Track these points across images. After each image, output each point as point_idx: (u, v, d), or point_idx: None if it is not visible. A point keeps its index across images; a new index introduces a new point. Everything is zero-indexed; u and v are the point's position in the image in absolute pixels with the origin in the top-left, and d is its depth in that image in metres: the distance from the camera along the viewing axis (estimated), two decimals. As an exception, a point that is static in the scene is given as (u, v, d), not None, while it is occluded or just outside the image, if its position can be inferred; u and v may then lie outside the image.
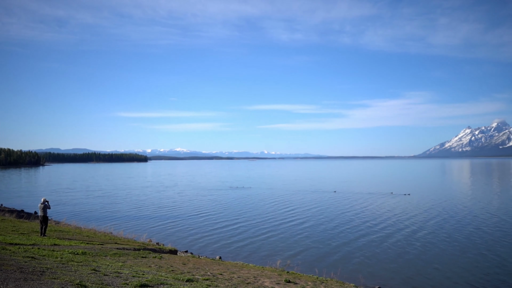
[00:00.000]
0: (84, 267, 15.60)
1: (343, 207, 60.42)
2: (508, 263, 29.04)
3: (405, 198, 71.61)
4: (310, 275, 24.34)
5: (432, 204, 61.60)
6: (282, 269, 25.30)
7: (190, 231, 42.31)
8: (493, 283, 24.68)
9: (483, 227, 42.79)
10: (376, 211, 55.83)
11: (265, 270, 24.14)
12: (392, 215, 51.93)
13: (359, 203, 64.32)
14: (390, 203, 63.75)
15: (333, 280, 23.29)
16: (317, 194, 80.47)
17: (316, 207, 60.36)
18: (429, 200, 66.94)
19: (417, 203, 63.87)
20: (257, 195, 79.95)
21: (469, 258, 30.53)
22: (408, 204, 62.13)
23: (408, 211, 54.89)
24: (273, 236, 39.42)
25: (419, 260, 30.12)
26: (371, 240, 37.31)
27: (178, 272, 19.01)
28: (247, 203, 66.44)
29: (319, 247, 34.78)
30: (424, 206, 59.60)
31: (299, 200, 70.66)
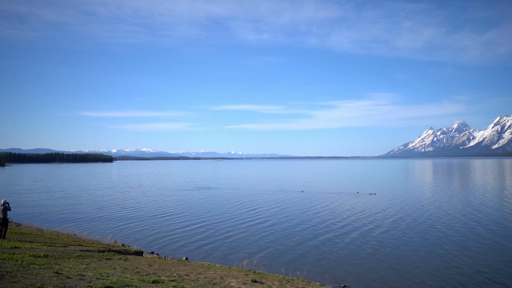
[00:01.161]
0: (46, 270, 15.23)
1: (310, 207, 60.97)
2: (458, 259, 29.99)
3: (371, 197, 72.87)
4: (276, 275, 24.48)
5: (397, 203, 62.92)
6: (248, 269, 25.36)
7: (156, 232, 41.85)
8: (443, 279, 25.41)
9: (438, 225, 43.98)
10: (342, 210, 56.58)
11: (232, 270, 24.13)
12: (358, 214, 52.75)
13: (326, 203, 65.03)
14: (357, 203, 64.73)
15: (299, 279, 23.49)
16: (285, 194, 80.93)
17: (283, 207, 60.70)
18: (394, 200, 68.34)
19: (383, 202, 65.11)
20: (224, 195, 79.79)
21: (435, 255, 31.36)
22: (374, 203, 63.25)
23: (374, 210, 55.87)
24: (240, 237, 39.42)
25: (381, 258, 30.68)
26: (336, 239, 37.78)
27: (144, 273, 18.80)
28: (213, 204, 66.21)
29: (286, 246, 34.99)
30: (389, 205, 60.80)
31: (266, 200, 70.91)
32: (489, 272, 26.81)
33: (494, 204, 60.61)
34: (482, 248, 33.58)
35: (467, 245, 34.52)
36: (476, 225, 43.66)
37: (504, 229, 41.42)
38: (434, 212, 53.74)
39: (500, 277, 25.72)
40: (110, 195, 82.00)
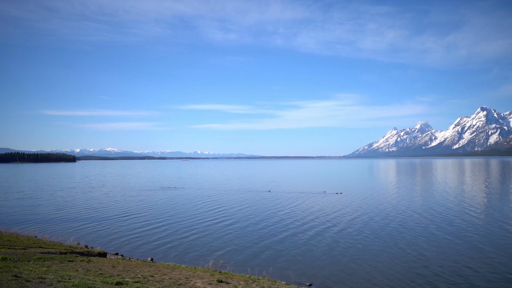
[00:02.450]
0: (4, 273, 14.75)
1: (277, 206, 61.26)
2: (424, 256, 30.81)
3: (337, 196, 73.80)
4: (242, 274, 24.48)
5: (362, 202, 63.95)
6: (214, 269, 25.28)
7: (121, 233, 41.19)
8: (409, 276, 26.04)
9: (404, 223, 45.01)
10: (309, 209, 57.07)
11: (198, 271, 24.00)
12: (324, 213, 53.32)
13: (293, 202, 65.47)
14: (323, 202, 65.42)
15: (265, 278, 23.57)
16: (252, 194, 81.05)
17: (250, 207, 60.77)
18: (359, 199, 69.43)
19: (348, 201, 66.03)
20: (189, 195, 79.26)
21: (388, 253, 32.04)
22: (340, 203, 64.06)
23: (340, 209, 56.58)
24: (206, 237, 39.24)
25: (346, 256, 31.14)
26: (301, 238, 38.09)
27: (107, 275, 18.47)
28: (178, 204, 65.67)
29: (251, 246, 35.05)
30: (354, 204, 61.71)
31: (232, 200, 70.84)
32: (436, 268, 27.72)
33: (449, 203, 62.38)
34: (432, 245, 34.60)
35: (419, 243, 35.51)
36: (429, 223, 44.89)
37: (455, 226, 42.71)
38: (394, 211, 54.86)
39: (446, 272, 26.66)
40: (72, 196, 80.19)
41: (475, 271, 26.88)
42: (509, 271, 26.72)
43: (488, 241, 35.53)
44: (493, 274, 26.12)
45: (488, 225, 43.24)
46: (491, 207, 57.08)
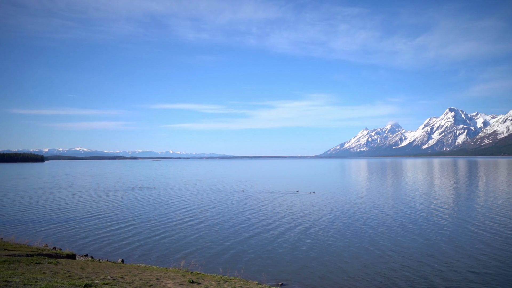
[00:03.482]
0: (-32, 276, 14.31)
1: (249, 206, 61.28)
2: (386, 255, 31.36)
3: (310, 196, 74.32)
4: (214, 275, 24.39)
5: (334, 202, 64.56)
6: (186, 270, 25.11)
7: (90, 234, 40.48)
8: (371, 275, 26.45)
9: (370, 222, 45.68)
10: (281, 209, 57.28)
11: (169, 272, 23.80)
12: (297, 213, 53.61)
13: (266, 202, 65.62)
14: (296, 201, 65.76)
15: (236, 278, 23.54)
16: (225, 194, 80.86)
17: (221, 207, 60.61)
18: (332, 198, 70.07)
19: (321, 200, 66.56)
20: (160, 195, 78.54)
21: (353, 252, 32.51)
22: (313, 202, 64.51)
23: (312, 209, 56.99)
24: (177, 237, 38.94)
25: (317, 255, 31.42)
26: (274, 238, 38.21)
27: (76, 277, 18.12)
28: (149, 204, 65.00)
29: (223, 246, 34.96)
30: (327, 204, 62.25)
31: (205, 200, 70.52)
32: (413, 265, 28.27)
33: (414, 202, 63.63)
34: (409, 243, 35.24)
35: (396, 241, 36.12)
36: (405, 221, 45.76)
37: (418, 225, 43.59)
38: (368, 209, 55.66)
39: (407, 271, 27.19)
40: (39, 196, 78.42)
41: (435, 269, 27.49)
42: (468, 269, 27.39)
43: (450, 240, 36.30)
44: (453, 272, 26.73)
45: (451, 224, 44.20)
46: (455, 207, 58.44)
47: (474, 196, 71.91)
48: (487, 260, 29.20)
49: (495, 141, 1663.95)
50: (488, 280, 24.91)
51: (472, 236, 37.72)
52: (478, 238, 36.60)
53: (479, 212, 52.11)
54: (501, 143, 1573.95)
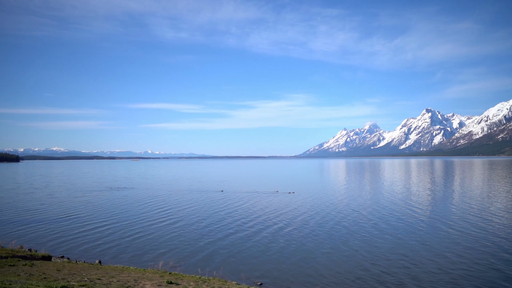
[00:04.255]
0: None
1: (229, 206, 61.20)
2: (359, 254, 31.76)
3: (290, 196, 74.59)
4: (192, 275, 24.30)
5: (313, 201, 64.95)
6: (164, 271, 24.95)
7: (67, 235, 39.88)
8: (343, 274, 26.75)
9: (344, 222, 46.08)
10: (261, 209, 57.36)
11: (147, 273, 23.62)
12: (277, 212, 53.75)
13: (245, 202, 65.62)
14: (275, 201, 65.92)
15: (215, 278, 23.50)
16: (204, 194, 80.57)
17: (200, 207, 60.39)
18: (311, 198, 70.49)
19: (301, 200, 66.88)
20: (138, 196, 77.83)
21: (329, 251, 32.78)
22: (292, 202, 64.75)
23: (292, 209, 57.20)
24: (155, 238, 38.66)
25: (294, 256, 31.56)
26: (253, 238, 38.24)
27: (51, 279, 17.86)
28: (128, 204, 64.38)
29: (202, 246, 34.84)
30: (306, 203, 62.57)
31: (184, 200, 70.17)
32: (385, 264, 28.70)
33: (398, 201, 64.62)
34: (382, 242, 35.72)
35: (368, 240, 36.57)
36: (378, 221, 46.33)
37: (403, 224, 44.30)
38: (343, 209, 56.17)
39: (393, 269, 27.62)
40: (14, 197, 76.93)
41: (406, 268, 27.91)
42: (437, 267, 27.85)
43: (422, 239, 36.84)
44: (423, 271, 27.14)
45: (424, 223, 44.86)
46: (428, 206, 59.41)
47: (448, 196, 73.19)
48: (457, 259, 29.72)
49: (471, 142, 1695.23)
50: (457, 279, 25.34)
51: (444, 235, 38.37)
52: (449, 237, 37.23)
53: (451, 211, 53.01)
54: (476, 143, 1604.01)
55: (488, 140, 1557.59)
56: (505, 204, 58.46)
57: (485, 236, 37.07)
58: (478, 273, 26.41)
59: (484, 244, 33.93)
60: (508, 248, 32.66)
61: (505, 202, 61.25)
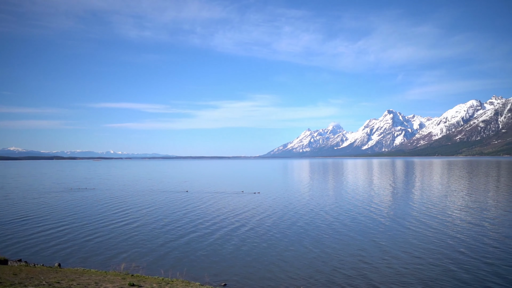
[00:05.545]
0: None
1: (194, 206, 60.75)
2: (325, 253, 32.18)
3: (255, 196, 74.68)
4: (155, 277, 23.99)
5: (278, 202, 65.26)
6: (126, 273, 24.52)
7: (24, 238, 38.64)
8: (309, 273, 27.04)
9: (310, 222, 46.53)
10: (226, 209, 57.18)
11: (108, 275, 23.17)
12: (242, 213, 53.71)
13: (210, 202, 65.27)
14: (241, 202, 65.83)
15: (178, 280, 23.28)
16: (168, 194, 79.68)
17: (165, 208, 59.72)
18: (276, 198, 70.83)
19: (266, 200, 67.08)
20: (100, 197, 76.22)
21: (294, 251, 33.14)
22: (257, 202, 64.85)
23: (256, 209, 57.29)
24: (117, 239, 37.97)
25: (259, 255, 31.67)
26: (216, 238, 38.11)
27: (7, 284, 17.27)
28: (88, 205, 62.96)
29: (165, 247, 34.46)
30: (271, 204, 62.79)
31: (148, 201, 69.21)
32: (351, 262, 29.22)
33: (356, 201, 65.77)
34: (336, 242, 36.24)
35: (334, 239, 37.09)
36: (334, 221, 46.98)
37: (359, 224, 45.10)
38: (308, 209, 56.72)
39: (359, 267, 28.18)
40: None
41: (372, 265, 28.52)
42: (401, 264, 28.57)
43: (386, 237, 37.73)
44: (387, 268, 27.84)
45: (388, 221, 45.88)
46: (391, 205, 60.81)
47: (405, 196, 75.03)
48: (408, 258, 30.49)
49: (430, 142, 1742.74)
50: (419, 275, 26.06)
51: (397, 234, 39.21)
52: (402, 237, 38.06)
53: (407, 211, 54.23)
54: (435, 144, 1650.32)
55: (446, 141, 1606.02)
56: (460, 204, 60.35)
57: (437, 236, 38.09)
58: (427, 271, 27.19)
59: (435, 243, 34.90)
60: (458, 246, 33.70)
61: (460, 202, 63.23)
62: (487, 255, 30.51)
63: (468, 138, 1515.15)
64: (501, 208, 54.72)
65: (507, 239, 35.85)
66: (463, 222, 44.12)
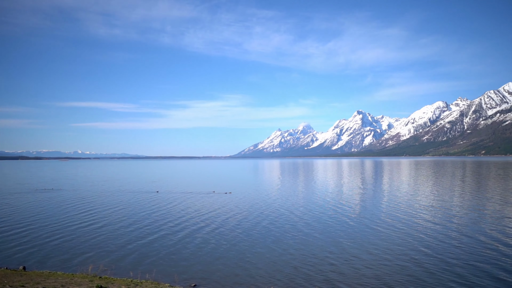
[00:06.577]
0: None
1: (164, 207, 60.12)
2: (288, 253, 32.26)
3: (227, 196, 74.38)
4: (124, 279, 23.64)
5: (249, 202, 65.13)
6: (94, 275, 24.08)
7: (-13, 240, 37.48)
8: (272, 273, 27.11)
9: (276, 221, 46.50)
10: (196, 210, 56.79)
11: (75, 277, 22.69)
12: (212, 213, 53.40)
13: (182, 203, 64.70)
14: (212, 202, 65.46)
15: (148, 281, 23.01)
16: (139, 195, 78.61)
17: (134, 208, 58.92)
18: (248, 198, 70.65)
19: (237, 201, 66.79)
20: (66, 197, 74.53)
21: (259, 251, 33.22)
22: (229, 202, 64.60)
23: (228, 209, 57.05)
24: (85, 241, 37.21)
25: (228, 256, 31.59)
26: (186, 239, 37.82)
27: (-31, 288, 16.69)
28: (54, 206, 61.47)
29: (134, 248, 33.99)
30: (242, 204, 62.59)
31: (117, 201, 68.10)
32: (313, 262, 29.39)
33: (329, 200, 66.41)
34: (311, 241, 36.50)
35: (299, 239, 37.25)
36: (309, 220, 47.31)
37: (332, 222, 45.57)
38: (276, 208, 56.78)
39: (321, 266, 28.37)
40: None
41: (333, 265, 28.69)
42: (363, 264, 28.88)
43: (350, 237, 37.93)
44: (349, 268, 28.03)
45: (353, 221, 46.21)
46: (358, 204, 61.59)
47: (376, 194, 76.17)
48: (381, 255, 31.00)
49: (398, 143, 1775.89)
50: (380, 275, 26.39)
51: (370, 232, 39.82)
52: (376, 234, 38.65)
53: (379, 209, 55.14)
54: (403, 144, 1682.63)
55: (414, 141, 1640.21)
56: (425, 204, 61.58)
57: (401, 236, 38.56)
58: (398, 267, 27.74)
59: (399, 243, 35.38)
60: (421, 246, 34.33)
61: (425, 202, 64.55)
62: (449, 254, 31.22)
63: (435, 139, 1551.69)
64: (464, 207, 56.11)
65: (468, 238, 36.74)
66: (427, 222, 44.98)
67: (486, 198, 65.49)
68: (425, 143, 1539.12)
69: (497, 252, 31.19)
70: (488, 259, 29.38)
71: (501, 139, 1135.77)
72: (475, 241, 35.24)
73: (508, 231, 39.07)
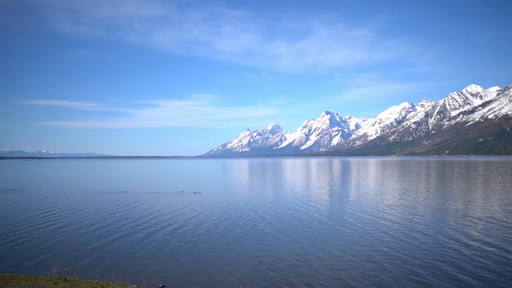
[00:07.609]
0: None
1: (131, 207, 59.23)
2: (249, 253, 32.24)
3: (196, 196, 73.83)
4: (90, 280, 23.17)
5: (218, 202, 64.81)
6: (58, 277, 23.49)
7: None
8: (232, 273, 27.06)
9: (239, 221, 46.33)
10: (164, 210, 56.18)
11: (39, 280, 22.09)
12: (180, 213, 52.91)
13: (150, 203, 63.87)
14: (180, 202, 64.85)
15: (114, 283, 22.62)
16: (105, 195, 77.14)
17: (99, 208, 57.82)
18: (216, 198, 70.32)
19: (206, 200, 66.39)
20: (29, 198, 72.46)
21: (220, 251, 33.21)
22: (198, 202, 64.14)
23: (197, 209, 56.60)
24: (48, 242, 36.27)
25: (196, 257, 31.42)
26: (154, 239, 37.37)
27: None
28: (16, 207, 59.68)
29: (100, 250, 33.34)
30: (211, 204, 62.23)
31: (81, 202, 66.68)
32: (273, 262, 29.39)
33: (294, 200, 66.77)
34: (273, 240, 36.52)
35: (260, 239, 37.27)
36: (272, 220, 47.33)
37: (296, 222, 45.66)
38: (240, 208, 56.74)
39: (281, 266, 28.44)
40: None
41: (293, 265, 28.74)
42: (323, 264, 29.01)
43: (311, 236, 38.03)
44: (308, 268, 28.06)
45: (316, 221, 46.36)
46: (322, 204, 62.04)
47: (342, 194, 77.06)
48: (343, 255, 31.13)
49: (366, 143, 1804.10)
50: (341, 275, 26.54)
51: (332, 232, 39.94)
52: (338, 234, 38.81)
53: (344, 209, 55.57)
54: (370, 144, 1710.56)
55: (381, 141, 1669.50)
56: (391, 202, 62.74)
57: (371, 232, 39.32)
58: (359, 268, 27.90)
59: (367, 240, 35.98)
60: (389, 242, 35.05)
61: (391, 200, 65.76)
62: (414, 250, 31.96)
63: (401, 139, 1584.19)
64: (427, 207, 57.28)
65: (430, 237, 37.49)
66: (391, 222, 45.54)
67: (449, 198, 67.11)
68: (392, 143, 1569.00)
69: (456, 252, 31.73)
70: (448, 258, 29.83)
71: (464, 140, 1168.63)
72: (436, 240, 35.87)
73: (468, 231, 40.07)
